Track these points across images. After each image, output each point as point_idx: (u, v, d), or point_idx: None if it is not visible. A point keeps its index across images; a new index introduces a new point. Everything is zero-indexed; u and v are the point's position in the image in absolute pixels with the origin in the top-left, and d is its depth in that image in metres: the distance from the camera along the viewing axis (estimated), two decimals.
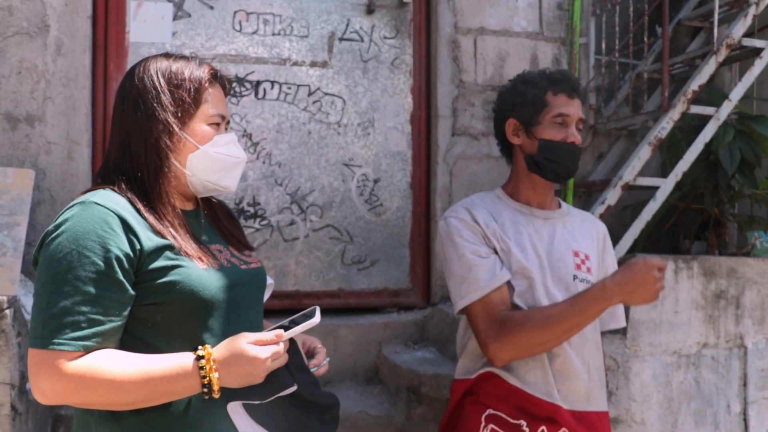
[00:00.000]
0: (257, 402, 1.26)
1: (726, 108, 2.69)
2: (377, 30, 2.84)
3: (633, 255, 2.50)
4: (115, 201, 1.25)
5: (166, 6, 2.64)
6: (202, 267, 1.27)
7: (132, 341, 1.24)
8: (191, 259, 1.27)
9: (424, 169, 2.88)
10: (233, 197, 2.68)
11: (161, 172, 1.31)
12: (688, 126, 2.95)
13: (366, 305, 2.81)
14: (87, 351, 1.16)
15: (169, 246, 1.26)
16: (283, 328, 1.27)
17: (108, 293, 1.18)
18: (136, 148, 1.32)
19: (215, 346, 1.23)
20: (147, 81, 1.33)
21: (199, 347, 1.21)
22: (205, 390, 1.18)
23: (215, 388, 1.18)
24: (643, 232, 2.69)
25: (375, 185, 2.83)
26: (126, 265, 1.20)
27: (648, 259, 1.60)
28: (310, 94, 2.77)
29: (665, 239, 3.15)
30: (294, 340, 1.33)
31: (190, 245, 1.29)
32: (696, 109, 2.68)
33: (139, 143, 1.32)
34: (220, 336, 1.27)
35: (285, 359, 1.25)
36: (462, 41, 2.84)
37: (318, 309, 1.31)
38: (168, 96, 1.32)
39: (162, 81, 1.33)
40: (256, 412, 1.28)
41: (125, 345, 1.23)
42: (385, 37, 2.85)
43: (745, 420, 2.55)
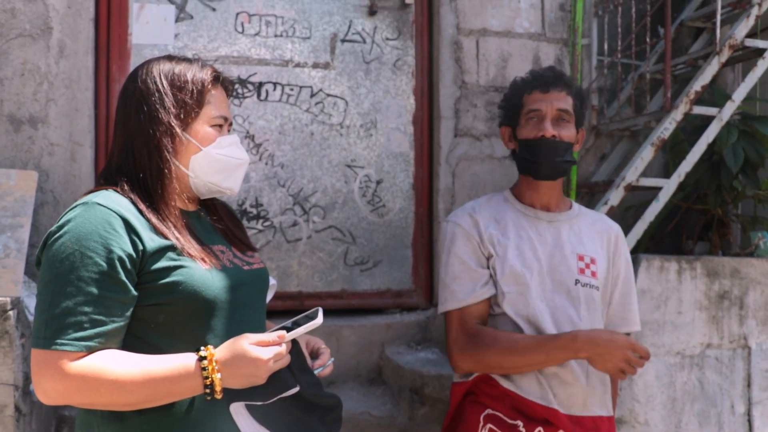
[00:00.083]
0: (259, 403, 1.26)
1: (729, 108, 2.69)
2: (379, 31, 2.84)
3: (636, 255, 2.50)
4: (118, 202, 1.25)
5: (168, 8, 2.64)
6: (204, 267, 1.27)
7: (134, 342, 1.24)
8: (194, 260, 1.27)
9: (426, 170, 2.88)
10: (236, 198, 2.68)
11: (164, 173, 1.31)
12: (690, 126, 2.94)
13: (369, 306, 2.81)
14: (89, 351, 1.16)
15: (172, 247, 1.26)
16: (286, 329, 1.27)
17: (110, 294, 1.18)
18: (138, 149, 1.32)
19: (218, 346, 1.23)
20: (150, 83, 1.33)
21: (202, 348, 1.21)
22: (208, 391, 1.18)
23: (217, 388, 1.18)
24: (646, 232, 2.69)
25: (377, 186, 2.83)
26: (128, 266, 1.20)
27: (633, 341, 1.64)
28: (312, 95, 2.77)
29: (668, 240, 3.14)
30: (296, 341, 1.33)
31: (192, 246, 1.29)
32: (699, 110, 2.68)
33: (142, 145, 1.32)
34: (222, 337, 1.27)
35: (287, 360, 1.25)
36: (464, 42, 2.84)
37: (320, 310, 1.31)
38: (171, 98, 1.33)
39: (165, 83, 1.33)
40: (258, 413, 1.28)
41: (128, 345, 1.23)
42: (388, 39, 2.85)
43: (749, 420, 2.55)
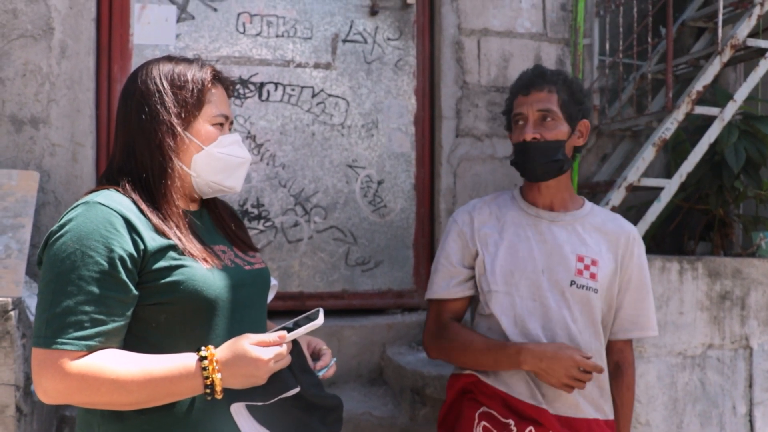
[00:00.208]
0: (260, 403, 1.26)
1: (731, 108, 2.68)
2: (381, 31, 2.84)
3: None
4: (119, 201, 1.25)
5: (169, 8, 2.65)
6: (206, 267, 1.27)
7: (135, 341, 1.24)
8: (195, 260, 1.27)
9: (427, 171, 2.88)
10: (237, 198, 2.68)
11: (165, 173, 1.31)
12: (692, 126, 2.94)
13: (370, 306, 2.81)
14: (90, 351, 1.16)
15: (173, 246, 1.26)
16: (287, 329, 1.27)
17: (111, 293, 1.18)
18: (140, 149, 1.32)
19: (218, 346, 1.23)
20: (150, 83, 1.33)
21: (202, 348, 1.21)
22: (208, 391, 1.18)
23: (218, 389, 1.18)
24: (648, 232, 2.69)
25: (379, 186, 2.82)
26: (129, 266, 1.20)
27: (579, 357, 1.64)
28: (313, 95, 2.78)
29: (670, 240, 3.14)
30: (297, 341, 1.33)
31: (194, 246, 1.29)
32: (700, 110, 2.67)
33: (144, 145, 1.32)
34: (223, 337, 1.27)
35: (288, 361, 1.25)
36: (466, 42, 2.84)
37: (321, 311, 1.30)
38: (171, 98, 1.33)
39: (165, 83, 1.34)
40: (258, 413, 1.28)
41: (129, 345, 1.23)
42: (389, 39, 2.85)
43: (751, 421, 2.54)
